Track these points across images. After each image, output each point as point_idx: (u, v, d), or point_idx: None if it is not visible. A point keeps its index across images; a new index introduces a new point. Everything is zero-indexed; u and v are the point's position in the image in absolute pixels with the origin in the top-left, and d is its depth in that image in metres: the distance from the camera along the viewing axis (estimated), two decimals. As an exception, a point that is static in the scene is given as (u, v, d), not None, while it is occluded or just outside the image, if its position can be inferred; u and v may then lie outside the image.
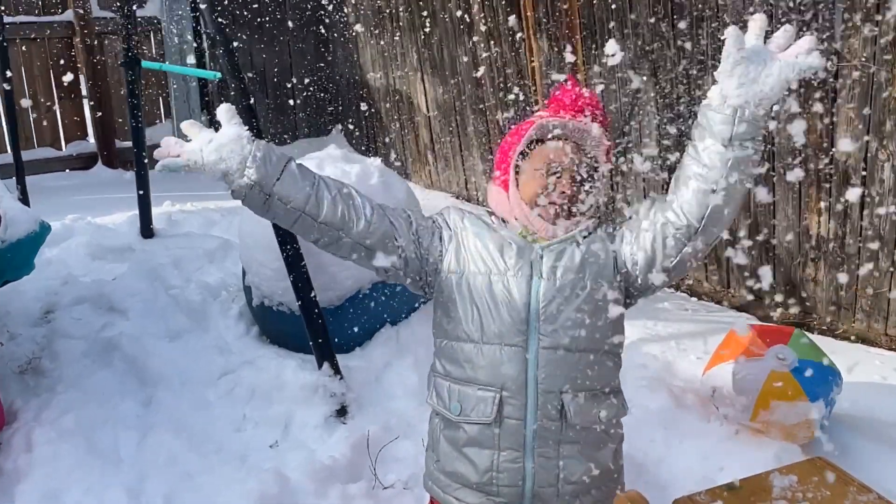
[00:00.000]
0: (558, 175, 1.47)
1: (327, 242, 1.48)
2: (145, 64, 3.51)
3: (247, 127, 1.44)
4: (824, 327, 3.21)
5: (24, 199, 3.73)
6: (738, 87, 1.29)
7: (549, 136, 1.51)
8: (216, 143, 1.36)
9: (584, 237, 1.48)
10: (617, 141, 3.91)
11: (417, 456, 2.30)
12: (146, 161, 3.80)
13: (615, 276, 1.45)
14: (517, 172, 1.52)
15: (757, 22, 1.31)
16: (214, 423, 2.53)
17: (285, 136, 6.57)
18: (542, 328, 1.41)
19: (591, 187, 1.49)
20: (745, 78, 1.28)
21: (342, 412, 2.50)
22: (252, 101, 2.48)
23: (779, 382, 2.19)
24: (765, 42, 1.32)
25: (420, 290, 1.56)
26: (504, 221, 1.53)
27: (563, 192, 1.47)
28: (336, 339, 2.72)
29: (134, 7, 3.51)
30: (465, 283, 1.46)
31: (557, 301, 1.42)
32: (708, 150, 1.34)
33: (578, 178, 1.48)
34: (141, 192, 3.84)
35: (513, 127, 1.60)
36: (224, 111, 1.40)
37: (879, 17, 2.71)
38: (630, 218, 1.50)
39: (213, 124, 1.43)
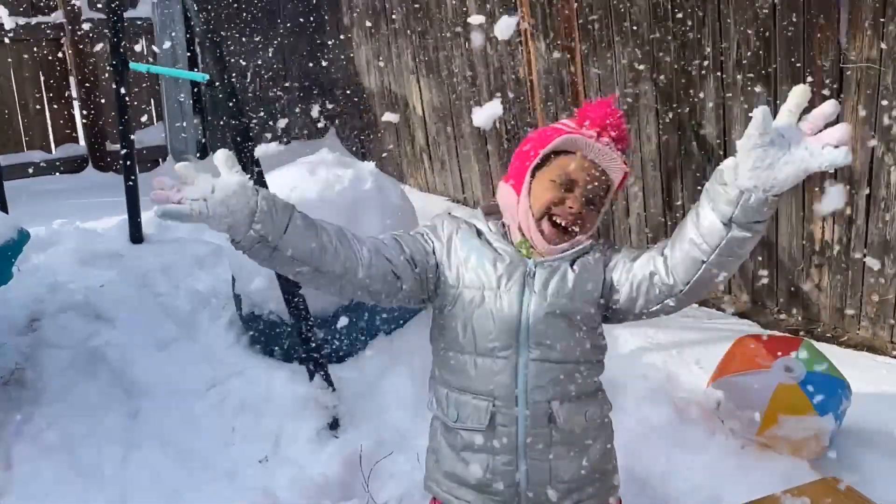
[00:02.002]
0: (571, 191, 1.47)
1: (329, 289, 1.45)
2: (133, 65, 3.43)
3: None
4: (828, 335, 3.14)
5: (2, 205, 3.63)
6: (751, 170, 1.22)
7: (573, 150, 1.48)
8: (222, 194, 1.27)
9: (578, 257, 1.49)
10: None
11: (412, 472, 2.23)
12: (133, 164, 3.73)
13: (601, 296, 1.47)
14: (532, 177, 1.50)
15: (796, 96, 1.22)
16: (202, 437, 2.46)
17: (278, 139, 6.50)
18: (531, 342, 1.44)
19: (598, 210, 1.49)
20: (762, 162, 1.21)
21: (334, 425, 2.42)
22: (239, 102, 2.41)
23: (787, 396, 2.12)
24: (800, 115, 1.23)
25: (424, 304, 1.56)
26: (504, 225, 1.53)
27: (572, 209, 1.46)
28: (328, 349, 2.65)
29: (121, 9, 3.41)
30: (460, 297, 1.48)
31: (547, 318, 1.44)
32: (708, 221, 1.29)
33: (590, 197, 1.47)
34: (130, 197, 3.76)
35: (534, 131, 1.57)
36: (223, 158, 1.31)
37: (886, 17, 2.65)
38: (630, 247, 1.52)
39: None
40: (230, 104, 2.40)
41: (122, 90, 3.54)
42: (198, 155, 6.10)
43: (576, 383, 1.47)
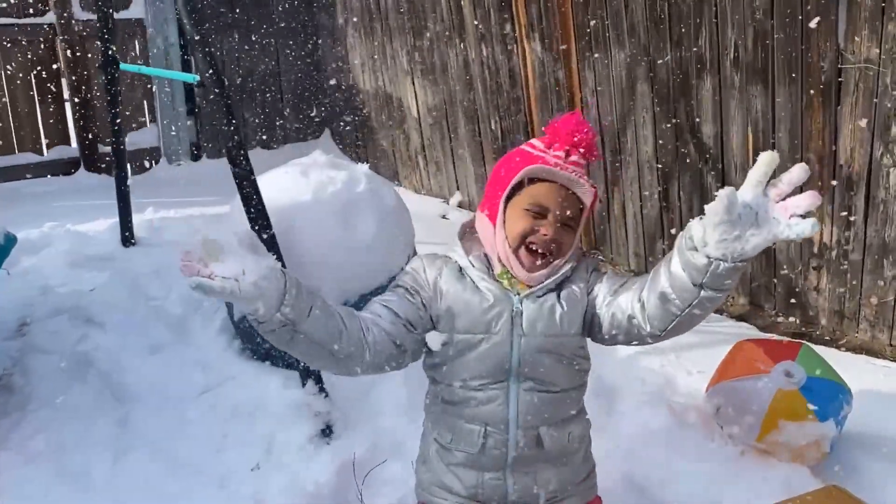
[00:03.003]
0: (545, 217, 1.49)
1: (335, 369, 1.48)
2: (124, 66, 3.40)
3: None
4: (827, 338, 3.12)
5: None
6: (718, 242, 1.23)
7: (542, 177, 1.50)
8: (253, 276, 1.26)
9: (562, 282, 1.53)
10: (612, 148, 3.82)
11: (407, 479, 2.18)
12: (124, 166, 3.69)
13: (585, 319, 1.52)
14: (506, 207, 1.53)
15: (764, 164, 1.22)
16: (193, 444, 2.41)
17: (273, 141, 6.47)
18: (522, 376, 1.50)
19: (574, 230, 1.52)
20: (729, 235, 1.22)
21: (327, 432, 2.38)
22: (230, 103, 2.37)
23: (787, 401, 2.08)
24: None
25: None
26: (485, 256, 1.57)
27: (546, 236, 1.48)
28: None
29: (110, 9, 3.38)
30: (451, 341, 1.52)
31: (537, 355, 1.50)
32: (679, 281, 1.31)
33: (564, 221, 1.50)
34: (121, 199, 3.72)
35: (507, 154, 1.58)
36: (247, 238, 1.31)
37: (885, 17, 2.62)
38: (614, 274, 1.57)
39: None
40: (221, 105, 2.36)
41: (113, 91, 3.51)
42: (194, 154, 6.06)
43: (562, 410, 1.55)
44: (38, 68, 5.52)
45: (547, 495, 1.57)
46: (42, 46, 5.54)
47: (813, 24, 2.80)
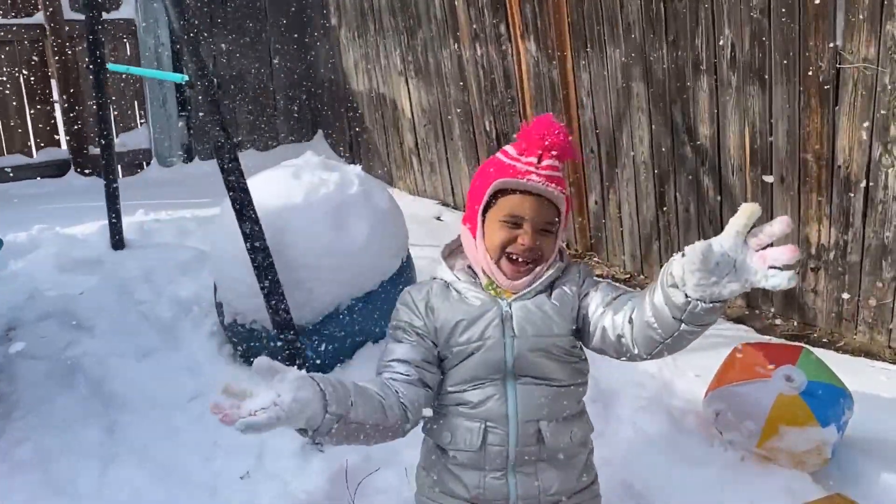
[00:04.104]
0: (520, 227, 1.51)
1: (387, 439, 1.48)
2: (112, 67, 3.36)
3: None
4: (825, 340, 3.09)
5: None
6: (696, 285, 1.24)
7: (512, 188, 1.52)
8: (290, 394, 1.25)
9: (551, 284, 1.54)
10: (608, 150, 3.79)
11: (400, 487, 2.15)
12: (114, 168, 3.64)
13: (576, 320, 1.54)
14: (484, 219, 1.55)
15: (745, 216, 1.22)
16: (182, 452, 2.37)
17: (265, 142, 6.42)
18: (518, 373, 1.52)
19: (554, 234, 1.53)
20: (707, 280, 1.23)
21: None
22: (219, 103, 2.33)
23: (788, 406, 2.05)
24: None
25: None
26: (470, 267, 1.60)
27: (524, 245, 1.50)
28: (314, 359, 2.57)
29: (99, 9, 3.33)
30: (449, 352, 1.54)
31: (529, 354, 1.51)
32: (662, 314, 1.32)
33: (541, 228, 1.51)
34: (111, 201, 3.67)
35: (483, 163, 1.60)
36: (265, 365, 1.28)
37: (883, 17, 2.59)
38: (610, 285, 1.56)
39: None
40: (209, 105, 2.32)
41: (101, 92, 3.46)
42: (184, 156, 6.01)
43: (562, 405, 1.54)
44: (28, 69, 5.46)
45: (550, 499, 1.56)
46: (31, 47, 5.48)
47: (811, 23, 2.77)
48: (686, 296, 1.26)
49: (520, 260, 1.51)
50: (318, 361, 2.60)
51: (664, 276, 1.31)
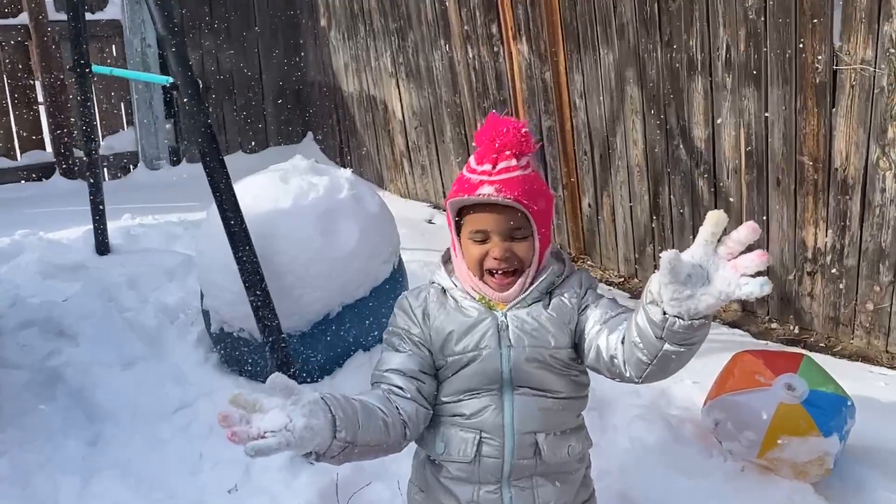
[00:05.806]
0: (489, 240, 1.48)
1: (392, 452, 1.46)
2: (96, 69, 3.29)
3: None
4: (821, 344, 3.06)
5: None
6: (671, 300, 1.19)
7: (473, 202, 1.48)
8: (303, 420, 1.22)
9: (549, 293, 1.50)
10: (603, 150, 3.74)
11: (392, 501, 2.09)
12: (99, 171, 3.57)
13: (574, 333, 1.50)
14: (459, 236, 1.53)
15: (712, 224, 1.18)
16: (167, 465, 2.31)
17: (254, 145, 6.35)
18: (516, 383, 1.48)
19: (530, 236, 1.48)
20: (681, 294, 1.18)
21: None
22: (204, 105, 2.27)
23: (789, 416, 2.00)
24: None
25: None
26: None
27: (496, 257, 1.46)
28: (303, 368, 2.51)
29: (82, 9, 3.26)
30: (446, 362, 1.51)
31: (526, 364, 1.47)
32: (646, 335, 1.28)
33: (510, 235, 1.47)
34: (95, 206, 3.60)
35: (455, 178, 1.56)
36: (280, 382, 1.23)
37: (880, 18, 2.56)
38: (612, 301, 1.51)
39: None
40: (195, 108, 2.26)
41: (85, 94, 3.40)
42: (172, 159, 5.93)
43: (560, 417, 1.51)
44: (12, 70, 5.38)
45: None
46: (15, 48, 5.39)
47: (807, 24, 2.74)
48: (664, 312, 1.22)
49: (498, 273, 1.48)
50: (306, 372, 2.54)
51: (645, 294, 1.27)
